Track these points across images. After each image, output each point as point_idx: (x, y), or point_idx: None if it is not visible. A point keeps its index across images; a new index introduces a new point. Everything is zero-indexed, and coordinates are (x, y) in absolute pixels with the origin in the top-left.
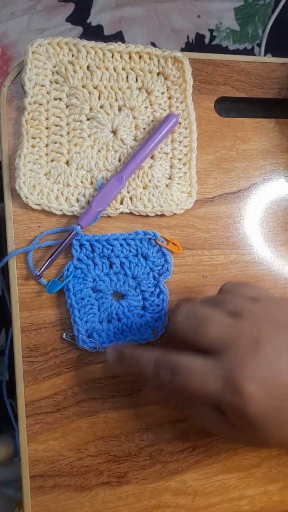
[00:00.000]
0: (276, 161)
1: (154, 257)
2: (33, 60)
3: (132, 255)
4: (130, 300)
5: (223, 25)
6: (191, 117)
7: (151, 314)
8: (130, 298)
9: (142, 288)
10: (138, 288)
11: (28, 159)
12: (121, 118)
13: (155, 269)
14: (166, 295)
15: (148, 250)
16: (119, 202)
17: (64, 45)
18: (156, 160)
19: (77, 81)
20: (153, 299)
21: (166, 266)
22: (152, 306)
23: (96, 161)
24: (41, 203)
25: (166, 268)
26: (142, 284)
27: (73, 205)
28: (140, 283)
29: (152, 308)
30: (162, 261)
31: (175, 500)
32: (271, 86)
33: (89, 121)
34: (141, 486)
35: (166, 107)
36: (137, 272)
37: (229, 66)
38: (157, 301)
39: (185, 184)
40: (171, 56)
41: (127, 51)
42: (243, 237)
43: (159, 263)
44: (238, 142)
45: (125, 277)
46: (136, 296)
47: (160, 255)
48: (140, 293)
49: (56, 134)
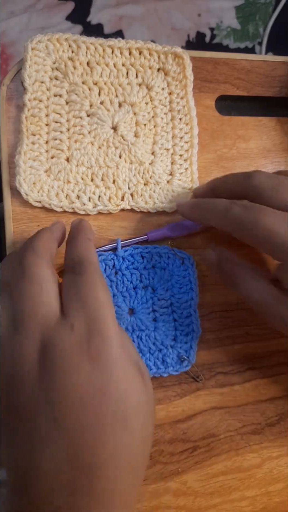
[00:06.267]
0: (278, 159)
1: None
2: (33, 57)
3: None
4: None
5: (223, 24)
6: (192, 113)
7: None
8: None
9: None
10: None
11: (28, 156)
12: (122, 114)
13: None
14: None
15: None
16: (120, 199)
17: (64, 41)
18: (157, 156)
19: (77, 77)
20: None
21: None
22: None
23: (96, 157)
24: (42, 200)
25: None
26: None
27: (73, 201)
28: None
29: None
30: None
31: (176, 501)
32: (272, 84)
33: (89, 118)
34: (141, 487)
35: (167, 103)
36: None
37: (230, 64)
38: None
39: (186, 180)
40: (172, 52)
41: (127, 47)
42: None
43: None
44: (239, 140)
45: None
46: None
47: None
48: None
49: (56, 130)
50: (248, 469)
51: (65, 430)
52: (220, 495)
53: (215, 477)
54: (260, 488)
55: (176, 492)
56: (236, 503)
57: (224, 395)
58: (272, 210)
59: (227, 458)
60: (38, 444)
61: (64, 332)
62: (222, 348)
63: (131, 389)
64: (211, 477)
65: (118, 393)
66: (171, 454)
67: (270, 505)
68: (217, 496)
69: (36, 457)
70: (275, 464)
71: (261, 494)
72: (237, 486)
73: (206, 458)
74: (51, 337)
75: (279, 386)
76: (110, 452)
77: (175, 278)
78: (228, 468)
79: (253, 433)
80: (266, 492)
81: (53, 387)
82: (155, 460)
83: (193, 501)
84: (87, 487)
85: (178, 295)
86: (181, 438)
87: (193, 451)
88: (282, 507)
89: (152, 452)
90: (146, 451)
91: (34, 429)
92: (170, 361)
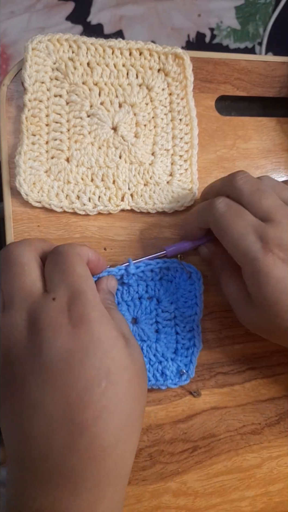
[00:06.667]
0: (277, 160)
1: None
2: (33, 57)
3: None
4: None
5: (223, 24)
6: (192, 114)
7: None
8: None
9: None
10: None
11: (28, 156)
12: (122, 114)
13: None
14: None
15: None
16: (120, 199)
17: (64, 41)
18: (157, 156)
19: (77, 77)
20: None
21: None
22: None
23: (96, 158)
24: (42, 200)
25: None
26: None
27: (73, 202)
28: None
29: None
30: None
31: (176, 501)
32: (272, 84)
33: (89, 118)
34: (141, 487)
35: (167, 103)
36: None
37: (230, 64)
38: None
39: (186, 181)
40: (172, 53)
41: (127, 48)
42: None
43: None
44: (239, 141)
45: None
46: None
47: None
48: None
49: (57, 131)
50: (248, 469)
51: (54, 390)
52: (220, 495)
53: (215, 477)
54: (260, 488)
55: (176, 492)
56: (236, 503)
57: (224, 395)
58: (248, 215)
59: (227, 458)
60: (31, 407)
61: (47, 304)
62: (222, 348)
63: (113, 347)
64: (211, 477)
65: (100, 351)
66: (171, 454)
67: (270, 505)
68: (217, 496)
69: (31, 421)
70: (275, 464)
71: (261, 494)
72: (237, 486)
73: (206, 458)
74: (37, 309)
75: (279, 386)
76: (98, 408)
77: (181, 291)
78: (228, 468)
79: (253, 433)
80: (266, 492)
81: (40, 352)
82: (155, 460)
83: (193, 501)
84: (81, 444)
85: (183, 308)
86: (181, 438)
87: (193, 451)
88: (282, 507)
89: (152, 452)
90: (137, 410)
91: (27, 393)
92: (169, 374)
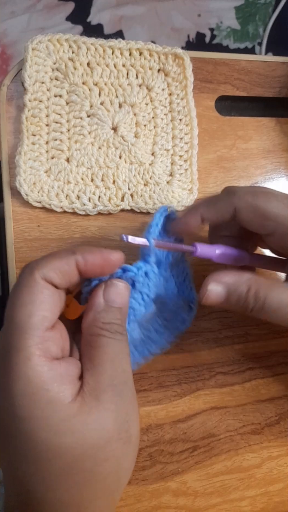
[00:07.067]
0: (277, 160)
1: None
2: (33, 57)
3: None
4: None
5: (223, 24)
6: (192, 114)
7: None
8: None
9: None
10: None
11: (28, 156)
12: (122, 115)
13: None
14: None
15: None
16: (120, 199)
17: (64, 42)
18: (157, 157)
19: (77, 78)
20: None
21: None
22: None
23: (96, 158)
24: (42, 200)
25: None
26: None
27: (73, 202)
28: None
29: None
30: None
31: (176, 501)
32: (272, 85)
33: (89, 118)
34: (141, 487)
35: (167, 103)
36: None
37: (230, 64)
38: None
39: (186, 181)
40: (172, 53)
41: (127, 48)
42: None
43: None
44: (239, 141)
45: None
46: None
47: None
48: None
49: (57, 131)
50: (248, 469)
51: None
52: (220, 495)
53: (215, 477)
54: (260, 488)
55: (176, 492)
56: (236, 503)
57: (224, 395)
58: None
59: (227, 458)
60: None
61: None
62: (221, 348)
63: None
64: (211, 477)
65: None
66: (171, 454)
67: (270, 505)
68: (217, 496)
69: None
70: (275, 464)
71: (261, 494)
72: (237, 486)
73: (206, 458)
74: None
75: (279, 386)
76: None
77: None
78: (228, 468)
79: (253, 433)
80: (265, 492)
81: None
82: (155, 460)
83: (193, 501)
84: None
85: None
86: (181, 438)
87: (193, 451)
88: (282, 507)
89: (152, 452)
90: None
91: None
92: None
